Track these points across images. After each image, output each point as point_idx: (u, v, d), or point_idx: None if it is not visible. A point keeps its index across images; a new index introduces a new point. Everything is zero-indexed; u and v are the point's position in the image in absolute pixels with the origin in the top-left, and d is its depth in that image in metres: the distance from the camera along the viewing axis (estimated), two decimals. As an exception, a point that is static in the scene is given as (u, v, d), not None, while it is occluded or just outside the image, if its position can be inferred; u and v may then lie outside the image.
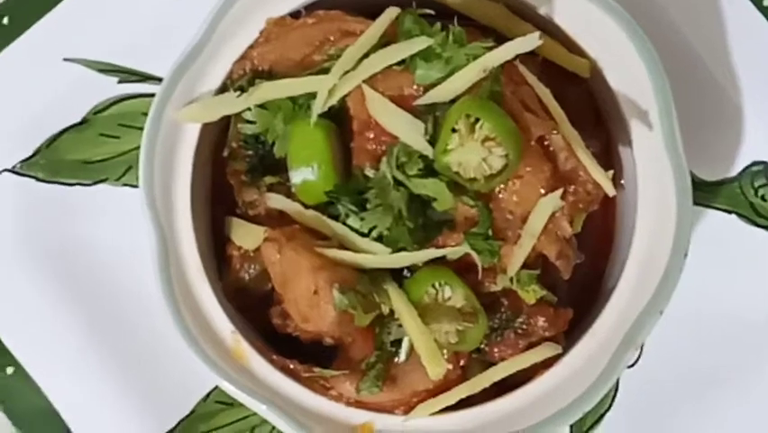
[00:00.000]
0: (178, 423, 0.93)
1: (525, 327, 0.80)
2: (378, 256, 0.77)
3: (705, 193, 0.93)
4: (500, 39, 0.82)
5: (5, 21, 0.93)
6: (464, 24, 0.82)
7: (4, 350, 0.92)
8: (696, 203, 0.92)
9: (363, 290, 0.77)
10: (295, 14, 0.83)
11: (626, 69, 0.81)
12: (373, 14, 0.82)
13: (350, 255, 0.77)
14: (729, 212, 0.93)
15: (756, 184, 0.93)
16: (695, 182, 0.92)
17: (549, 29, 0.83)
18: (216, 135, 0.85)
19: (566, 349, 0.81)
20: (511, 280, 0.79)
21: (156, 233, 0.81)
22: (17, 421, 0.92)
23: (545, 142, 0.78)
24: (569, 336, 0.83)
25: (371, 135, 0.78)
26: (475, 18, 0.84)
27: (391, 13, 0.80)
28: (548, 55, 0.82)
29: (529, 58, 0.80)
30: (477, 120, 0.74)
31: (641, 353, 0.92)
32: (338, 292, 0.76)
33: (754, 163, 0.93)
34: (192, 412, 0.93)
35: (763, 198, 0.93)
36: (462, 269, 0.79)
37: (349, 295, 0.76)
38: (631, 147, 0.83)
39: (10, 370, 0.92)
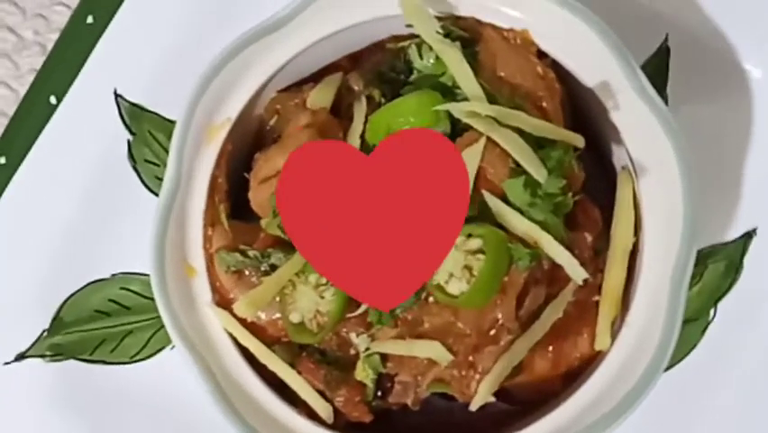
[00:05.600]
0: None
1: (329, 377, 0.81)
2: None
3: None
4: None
5: None
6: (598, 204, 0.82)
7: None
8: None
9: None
10: (542, 53, 0.83)
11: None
12: (575, 116, 0.84)
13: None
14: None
15: None
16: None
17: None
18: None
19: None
20: (367, 349, 0.80)
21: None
22: None
23: (494, 328, 0.77)
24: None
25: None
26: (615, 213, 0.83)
27: (574, 139, 0.79)
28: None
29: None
30: (484, 253, 0.74)
31: None
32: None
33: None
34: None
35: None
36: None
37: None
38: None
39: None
